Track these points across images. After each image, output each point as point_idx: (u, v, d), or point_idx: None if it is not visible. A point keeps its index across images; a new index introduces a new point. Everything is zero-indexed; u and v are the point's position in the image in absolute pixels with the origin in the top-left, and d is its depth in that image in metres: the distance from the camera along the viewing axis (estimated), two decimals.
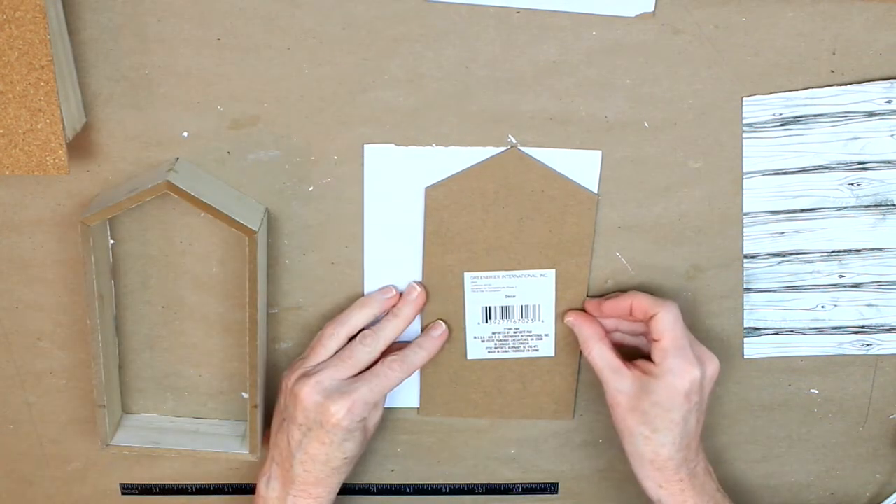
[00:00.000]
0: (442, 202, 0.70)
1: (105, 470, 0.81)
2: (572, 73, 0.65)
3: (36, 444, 0.79)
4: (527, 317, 0.74)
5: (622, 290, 0.73)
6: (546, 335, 0.75)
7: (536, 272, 0.73)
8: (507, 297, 0.73)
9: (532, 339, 0.75)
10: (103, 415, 0.74)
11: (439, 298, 0.73)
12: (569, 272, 0.73)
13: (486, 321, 0.74)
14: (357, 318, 0.72)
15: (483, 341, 0.75)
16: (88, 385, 0.75)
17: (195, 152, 0.67)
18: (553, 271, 0.73)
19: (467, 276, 0.73)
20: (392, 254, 0.72)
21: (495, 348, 0.76)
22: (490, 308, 0.74)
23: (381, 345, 0.72)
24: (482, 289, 0.73)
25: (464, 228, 0.71)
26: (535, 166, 0.68)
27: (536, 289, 0.73)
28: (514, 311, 0.74)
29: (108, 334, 0.72)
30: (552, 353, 0.75)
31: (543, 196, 0.69)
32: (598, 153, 0.68)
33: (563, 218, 0.70)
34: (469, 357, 0.75)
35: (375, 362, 0.71)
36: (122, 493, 0.82)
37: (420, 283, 0.72)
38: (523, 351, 0.76)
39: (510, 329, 0.74)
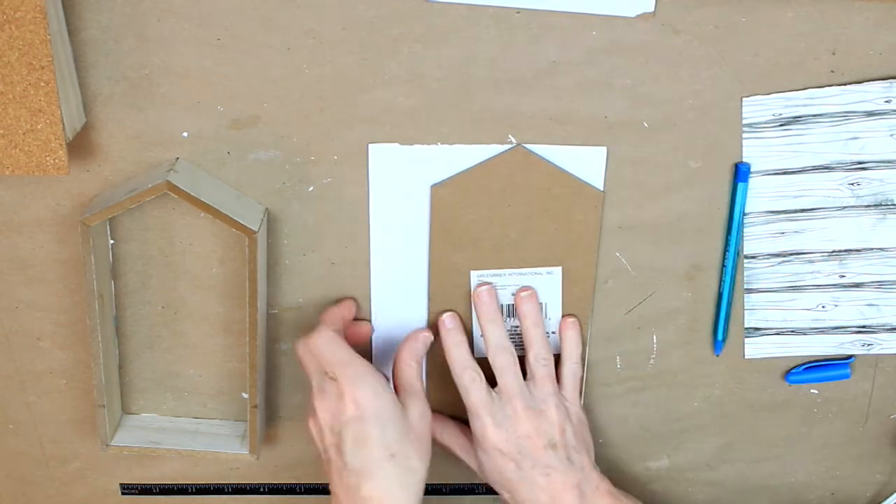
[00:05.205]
0: (448, 200, 0.70)
1: (105, 470, 0.81)
2: (572, 73, 0.65)
3: (36, 444, 0.79)
4: None
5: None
6: (552, 333, 0.75)
7: (543, 270, 0.72)
8: (513, 295, 0.73)
9: None
10: (103, 415, 0.73)
11: (446, 297, 0.73)
12: (575, 269, 0.73)
13: None
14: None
15: None
16: (88, 385, 0.75)
17: (195, 152, 0.67)
18: (559, 269, 0.72)
19: (474, 274, 0.72)
20: (398, 253, 0.72)
21: None
22: None
23: None
24: None
25: (470, 227, 0.71)
26: (541, 164, 0.68)
27: (543, 286, 0.73)
28: None
29: (108, 334, 0.72)
30: (558, 351, 0.75)
31: (549, 194, 0.69)
32: (604, 149, 0.68)
33: (569, 215, 0.70)
34: (475, 355, 0.75)
35: None
36: (122, 494, 0.82)
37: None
38: None
39: (517, 327, 0.74)
